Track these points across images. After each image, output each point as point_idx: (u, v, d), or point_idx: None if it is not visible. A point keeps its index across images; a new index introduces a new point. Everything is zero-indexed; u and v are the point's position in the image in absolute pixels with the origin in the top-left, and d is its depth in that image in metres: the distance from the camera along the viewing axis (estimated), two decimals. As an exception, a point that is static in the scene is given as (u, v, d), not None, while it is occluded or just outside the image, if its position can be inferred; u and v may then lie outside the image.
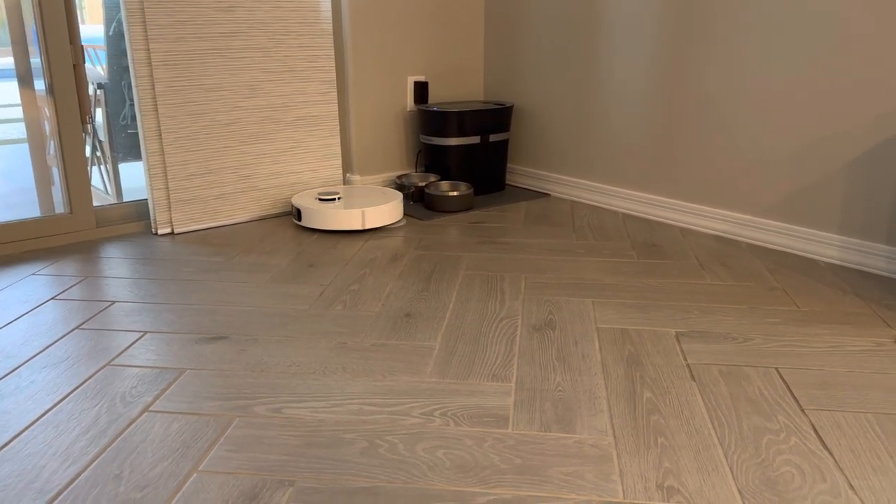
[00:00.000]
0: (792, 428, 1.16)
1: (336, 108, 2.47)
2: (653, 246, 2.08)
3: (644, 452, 1.10)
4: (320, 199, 2.25)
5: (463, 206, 2.48)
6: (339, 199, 2.26)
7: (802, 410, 1.21)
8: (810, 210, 1.97)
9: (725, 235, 2.17)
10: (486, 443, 1.12)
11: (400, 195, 2.30)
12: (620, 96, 2.38)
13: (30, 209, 2.41)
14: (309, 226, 2.22)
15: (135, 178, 2.60)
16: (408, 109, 2.71)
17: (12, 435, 1.15)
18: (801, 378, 1.32)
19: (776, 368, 1.36)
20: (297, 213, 2.23)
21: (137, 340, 1.48)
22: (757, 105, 2.03)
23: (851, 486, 1.02)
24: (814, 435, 1.14)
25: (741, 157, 2.09)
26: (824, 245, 1.95)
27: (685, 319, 1.57)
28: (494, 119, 2.62)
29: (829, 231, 1.94)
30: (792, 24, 1.92)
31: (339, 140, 2.50)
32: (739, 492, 1.00)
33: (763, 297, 1.70)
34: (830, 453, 1.10)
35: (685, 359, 1.40)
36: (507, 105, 2.65)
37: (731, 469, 1.06)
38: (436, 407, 1.23)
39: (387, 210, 2.22)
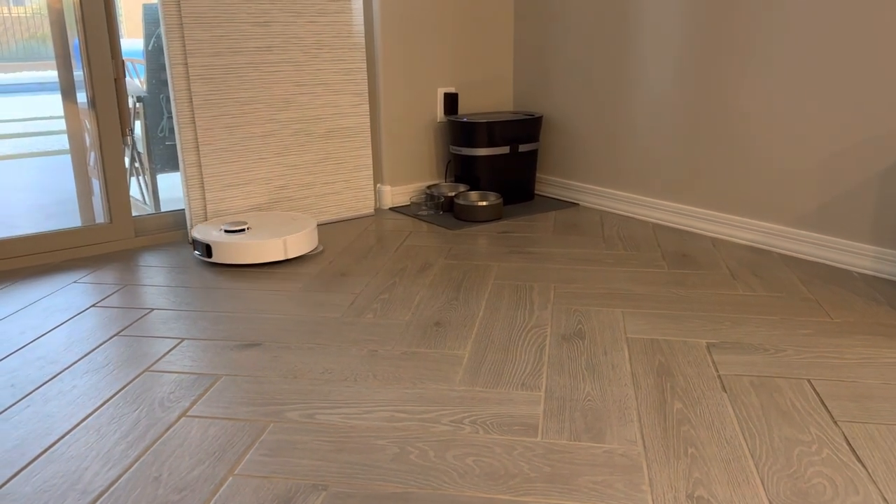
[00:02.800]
0: (824, 440, 1.15)
1: (368, 119, 2.51)
2: (684, 256, 2.07)
3: (674, 462, 1.10)
4: (227, 231, 2.06)
5: (492, 215, 2.49)
6: (247, 229, 2.08)
7: (835, 422, 1.20)
8: (843, 220, 1.95)
9: (757, 246, 2.15)
10: (515, 451, 1.13)
11: (314, 221, 2.14)
12: (651, 106, 2.38)
13: (70, 219, 2.48)
14: (221, 261, 2.03)
15: (172, 188, 2.67)
16: (438, 120, 2.73)
17: (56, 438, 1.19)
18: (834, 390, 1.31)
19: (808, 380, 1.35)
20: (206, 249, 2.02)
21: (175, 347, 1.52)
22: (789, 114, 2.02)
23: (885, 499, 1.01)
24: (846, 447, 1.13)
25: (773, 167, 2.08)
26: (857, 255, 1.93)
27: (716, 330, 1.57)
28: (524, 129, 2.64)
29: (863, 241, 1.92)
30: (823, 33, 1.90)
31: (370, 151, 2.54)
32: (770, 503, 1.00)
33: (795, 308, 1.69)
34: (863, 465, 1.09)
35: (716, 369, 1.39)
36: (537, 115, 2.66)
37: (762, 480, 1.05)
38: (465, 415, 1.24)
39: (306, 237, 2.07)
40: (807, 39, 1.94)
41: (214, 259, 2.03)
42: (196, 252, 2.07)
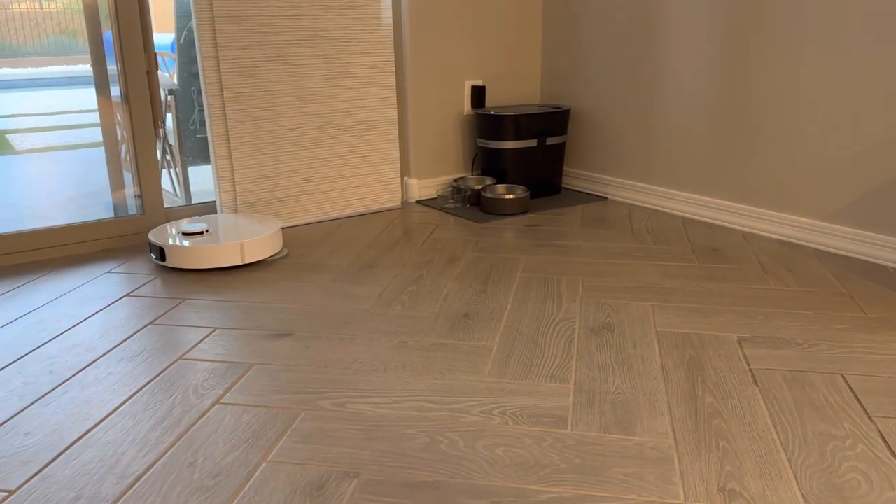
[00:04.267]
0: (858, 435, 1.14)
1: (395, 112, 2.51)
2: (714, 250, 2.05)
3: (705, 456, 1.09)
4: (185, 234, 1.99)
5: (519, 209, 2.49)
6: (206, 231, 2.00)
7: (870, 418, 1.19)
8: (878, 214, 1.92)
9: (789, 240, 2.13)
10: (545, 442, 1.14)
11: (279, 223, 2.07)
12: (680, 98, 2.36)
13: (102, 211, 2.52)
14: (176, 266, 1.94)
15: (202, 181, 2.70)
16: (465, 113, 2.73)
17: (93, 423, 1.22)
18: (869, 385, 1.29)
19: (842, 375, 1.33)
20: (160, 253, 1.95)
21: (207, 336, 1.55)
22: (822, 105, 1.99)
23: (922, 496, 1.00)
24: (881, 442, 1.12)
25: (806, 160, 2.05)
26: (892, 250, 1.90)
27: (748, 324, 1.55)
28: (551, 122, 2.63)
29: (899, 236, 1.89)
30: (858, 22, 1.87)
31: (397, 144, 2.55)
32: (804, 497, 0.99)
33: (829, 303, 1.66)
34: (900, 462, 1.07)
35: (748, 364, 1.38)
36: (565, 108, 2.65)
37: (794, 475, 1.04)
38: (494, 406, 1.25)
39: (265, 241, 1.98)
40: (841, 28, 1.91)
41: (168, 263, 1.94)
42: (152, 255, 1.99)
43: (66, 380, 1.37)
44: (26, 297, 1.79)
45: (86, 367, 1.42)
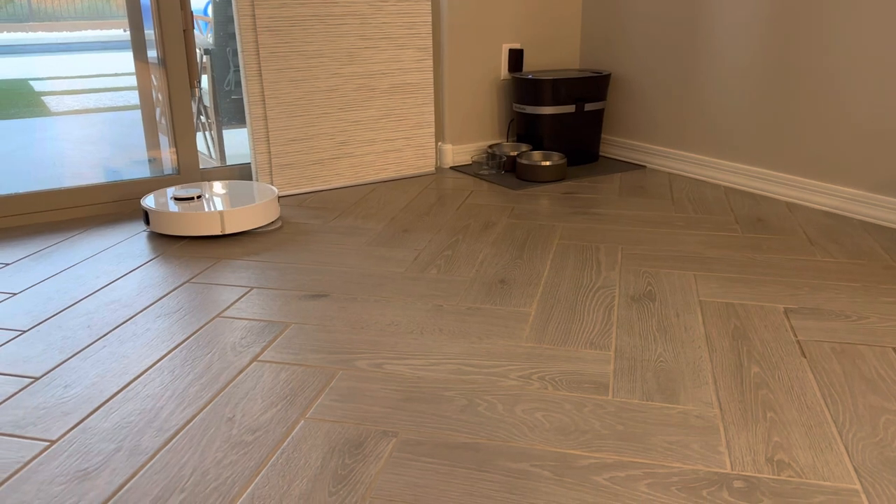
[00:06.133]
0: (913, 410, 1.10)
1: (431, 76, 2.47)
2: (758, 220, 2.00)
3: (752, 426, 1.06)
4: (176, 199, 1.95)
5: (555, 176, 2.45)
6: (197, 198, 1.96)
7: (925, 392, 1.15)
8: (933, 186, 1.84)
9: (836, 211, 2.06)
10: (585, 408, 1.11)
11: (275, 192, 2.00)
12: (725, 63, 2.29)
13: (137, 172, 2.52)
14: (160, 231, 1.90)
15: (235, 145, 2.69)
16: (501, 78, 2.68)
17: (132, 377, 1.22)
18: (923, 360, 1.25)
19: (894, 349, 1.29)
20: (145, 216, 1.92)
21: (244, 295, 1.54)
22: (873, 73, 1.90)
23: (982, 473, 0.96)
24: (938, 418, 1.08)
25: (854, 129, 1.98)
26: (948, 224, 1.83)
27: (794, 296, 1.51)
28: (590, 87, 2.57)
29: (954, 209, 1.82)
30: (923, -15, 1.78)
31: (432, 108, 2.51)
32: (855, 470, 0.96)
33: (878, 276, 1.61)
34: (957, 438, 1.03)
35: (795, 335, 1.34)
36: (604, 73, 2.59)
37: (846, 447, 1.01)
38: (533, 371, 1.23)
39: (254, 211, 1.91)
40: (902, -8, 1.82)
41: (151, 228, 1.92)
42: (143, 220, 1.97)
43: (104, 335, 1.37)
44: (64, 253, 1.80)
45: (123, 323, 1.42)
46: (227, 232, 1.89)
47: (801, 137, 2.12)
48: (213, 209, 1.87)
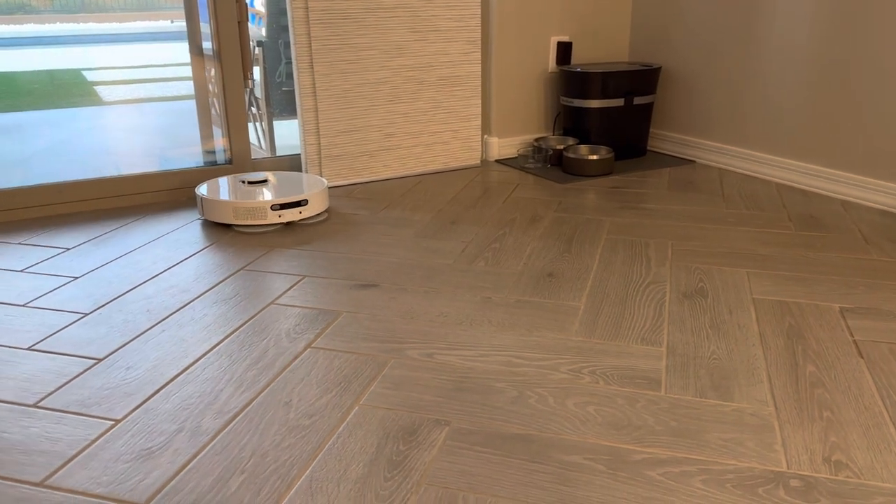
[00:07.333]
0: (977, 414, 1.08)
1: (479, 68, 2.47)
2: (811, 218, 1.96)
3: (808, 425, 1.05)
4: (248, 183, 2.00)
5: (602, 170, 2.43)
6: (265, 181, 2.01)
7: None
8: None
9: (892, 210, 2.01)
10: (638, 403, 1.11)
11: (325, 183, 2.00)
12: (779, 57, 2.24)
13: (192, 161, 2.58)
14: (209, 218, 1.94)
15: (285, 136, 2.73)
16: (549, 71, 2.67)
17: (191, 360, 1.26)
18: None
19: (956, 352, 1.26)
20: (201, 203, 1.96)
21: (296, 284, 1.57)
22: (942, 68, 1.85)
23: None
24: None
25: (918, 126, 1.92)
26: None
27: (850, 295, 1.48)
28: (640, 81, 2.54)
29: None
30: None
31: (479, 101, 2.51)
32: (917, 474, 0.94)
33: (939, 277, 1.57)
34: None
35: (851, 334, 1.32)
36: (655, 66, 2.56)
37: (906, 450, 0.99)
38: (584, 364, 1.23)
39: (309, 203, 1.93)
40: (970, -15, 1.77)
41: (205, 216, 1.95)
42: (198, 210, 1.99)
43: (164, 318, 1.42)
44: (121, 239, 1.85)
45: (182, 308, 1.46)
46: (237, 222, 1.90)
47: (856, 134, 2.07)
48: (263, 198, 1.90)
